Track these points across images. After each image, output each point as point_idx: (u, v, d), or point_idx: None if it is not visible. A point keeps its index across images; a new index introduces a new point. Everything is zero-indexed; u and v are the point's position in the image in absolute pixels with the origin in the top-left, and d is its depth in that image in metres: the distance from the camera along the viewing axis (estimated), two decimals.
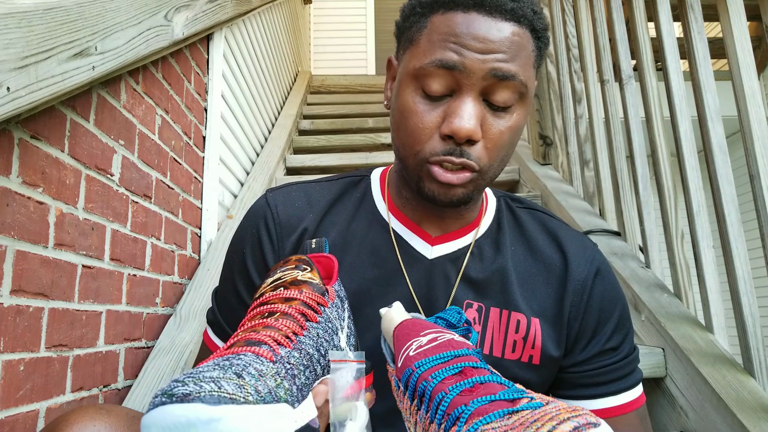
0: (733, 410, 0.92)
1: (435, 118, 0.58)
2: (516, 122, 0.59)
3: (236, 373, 0.38)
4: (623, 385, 0.67)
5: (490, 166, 0.60)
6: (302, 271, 0.53)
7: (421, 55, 0.58)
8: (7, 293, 0.74)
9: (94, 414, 0.48)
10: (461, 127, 0.55)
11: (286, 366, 0.42)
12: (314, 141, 2.70)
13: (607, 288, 0.69)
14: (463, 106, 0.56)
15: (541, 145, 2.04)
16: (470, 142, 0.57)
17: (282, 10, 3.00)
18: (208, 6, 1.47)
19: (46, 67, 0.75)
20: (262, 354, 0.41)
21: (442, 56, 0.56)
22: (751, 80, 1.08)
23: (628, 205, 1.50)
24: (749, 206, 1.19)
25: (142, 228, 1.14)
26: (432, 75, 0.57)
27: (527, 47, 0.58)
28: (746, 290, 1.03)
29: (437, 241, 0.68)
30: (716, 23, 3.95)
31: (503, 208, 0.73)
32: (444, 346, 0.46)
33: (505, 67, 0.56)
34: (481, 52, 0.55)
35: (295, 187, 0.73)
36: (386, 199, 0.71)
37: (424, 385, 0.42)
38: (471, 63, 0.55)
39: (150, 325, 1.18)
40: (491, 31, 0.56)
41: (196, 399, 0.34)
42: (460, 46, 0.56)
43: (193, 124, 1.48)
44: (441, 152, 0.58)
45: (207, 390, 0.35)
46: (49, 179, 0.83)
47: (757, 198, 1.02)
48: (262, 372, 0.39)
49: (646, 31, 1.42)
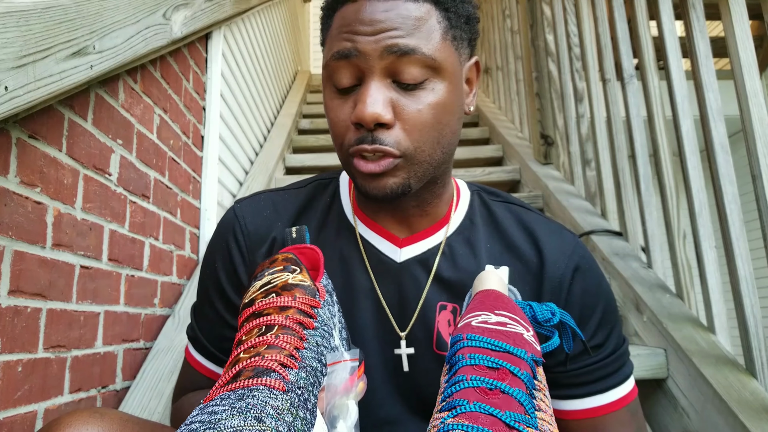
0: (735, 411, 0.92)
1: (347, 110, 0.58)
2: (436, 98, 0.56)
3: (256, 417, 0.37)
4: (611, 382, 0.65)
5: (415, 149, 0.57)
6: (291, 273, 0.52)
7: (326, 53, 0.59)
8: (5, 294, 0.73)
9: (87, 418, 0.47)
10: (364, 112, 0.54)
11: (297, 393, 0.42)
12: (314, 140, 2.69)
13: (588, 284, 0.66)
14: (366, 92, 0.55)
15: (542, 145, 2.04)
16: (384, 127, 0.56)
17: (281, 8, 2.99)
18: (206, 5, 1.46)
19: (44, 66, 0.74)
20: (274, 386, 0.41)
21: (339, 47, 0.56)
22: (753, 79, 1.07)
23: (630, 205, 1.49)
24: (751, 206, 1.18)
25: (140, 228, 1.13)
26: (335, 69, 0.57)
27: (428, 20, 0.56)
28: (748, 291, 1.02)
29: (405, 243, 0.66)
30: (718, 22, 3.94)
31: (476, 203, 0.71)
32: (506, 335, 0.44)
33: (401, 42, 0.54)
34: (372, 33, 0.55)
35: (263, 197, 0.71)
36: (353, 202, 0.70)
37: (459, 359, 0.42)
38: (363, 46, 0.55)
39: (148, 325, 1.18)
40: (378, 13, 0.55)
41: None
42: (352, 33, 0.56)
43: (191, 124, 1.47)
44: (355, 141, 0.57)
45: None
46: (47, 179, 0.82)
47: (759, 198, 1.01)
48: (279, 409, 0.39)
49: (648, 30, 1.41)
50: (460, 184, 0.72)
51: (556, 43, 1.99)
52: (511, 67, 2.57)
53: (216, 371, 0.70)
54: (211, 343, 0.69)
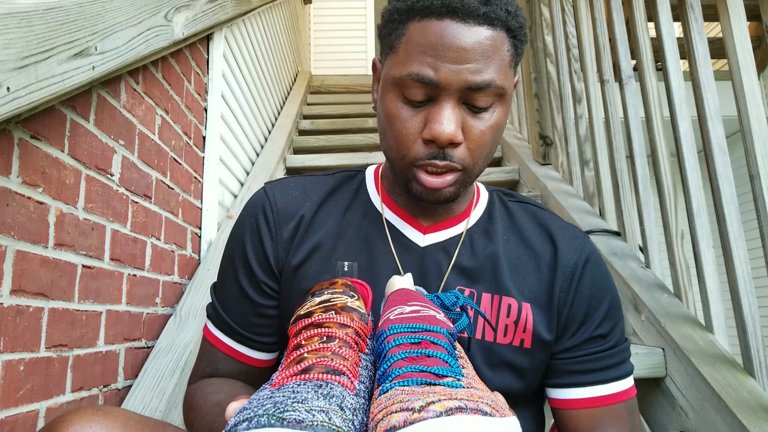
0: (733, 410, 0.92)
1: (417, 124, 0.61)
2: (496, 120, 0.62)
3: (339, 405, 0.38)
4: (612, 374, 0.68)
5: (474, 164, 0.63)
6: (350, 297, 0.54)
7: (399, 64, 0.61)
8: (7, 293, 0.74)
9: (91, 416, 0.48)
10: (442, 132, 0.58)
11: (361, 401, 0.43)
12: (314, 141, 2.70)
13: (597, 276, 0.70)
14: (443, 112, 0.59)
15: (541, 145, 2.04)
16: (452, 145, 0.60)
17: (282, 10, 3.00)
18: (208, 6, 1.47)
19: (46, 67, 0.75)
20: (346, 385, 0.42)
21: (419, 71, 0.58)
22: (751, 80, 1.08)
23: (628, 205, 1.50)
24: (749, 206, 1.19)
25: (142, 228, 1.14)
26: (411, 87, 0.60)
27: (501, 49, 0.60)
28: (746, 290, 1.03)
29: (429, 230, 0.71)
30: (716, 23, 3.95)
31: (495, 201, 0.76)
32: (421, 319, 0.48)
33: (479, 78, 0.58)
34: (455, 62, 0.57)
35: (292, 180, 0.76)
36: (380, 191, 0.74)
37: (384, 345, 0.46)
38: (446, 77, 0.58)
39: (150, 325, 1.18)
40: (464, 39, 0.57)
41: (308, 427, 0.34)
42: (435, 58, 0.58)
43: (193, 124, 1.48)
44: (425, 156, 0.61)
45: (319, 420, 0.35)
46: (49, 179, 0.83)
47: (757, 198, 1.02)
48: (354, 407, 0.40)
49: (646, 31, 1.42)
50: (479, 185, 0.78)
51: (554, 44, 2.00)
52: None
53: (235, 348, 0.72)
54: (233, 320, 0.72)
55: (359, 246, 0.70)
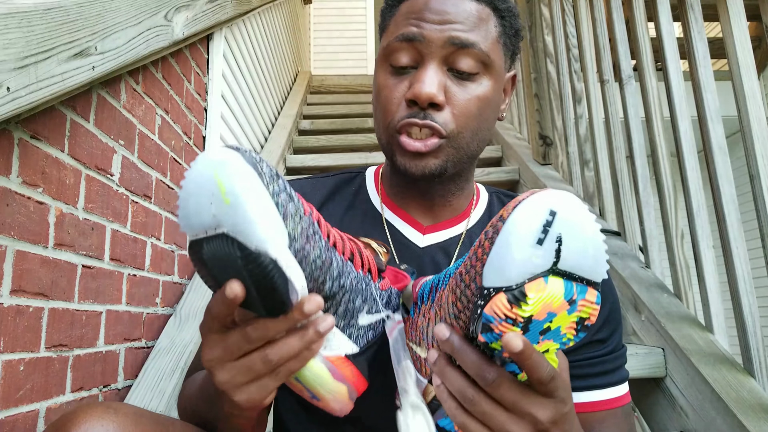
0: (733, 410, 0.92)
1: (402, 89, 0.62)
2: (483, 93, 0.62)
3: (289, 194, 0.41)
4: (610, 379, 0.68)
5: (458, 133, 0.62)
6: (378, 245, 0.56)
7: (389, 35, 0.64)
8: (7, 293, 0.74)
9: (102, 413, 0.47)
10: (421, 90, 0.59)
11: (306, 226, 0.43)
12: (314, 141, 2.70)
13: None
14: (425, 72, 0.60)
15: (541, 145, 2.04)
16: (435, 107, 0.61)
17: (282, 10, 3.00)
18: (208, 6, 1.47)
19: (46, 67, 0.75)
20: (305, 206, 0.44)
21: (404, 30, 0.61)
22: (751, 80, 1.08)
23: (628, 205, 1.50)
24: (749, 206, 1.19)
25: (142, 228, 1.14)
26: (397, 49, 0.62)
27: (488, 22, 0.62)
28: (746, 290, 1.03)
29: (429, 230, 0.71)
30: (716, 23, 3.95)
31: (495, 202, 0.76)
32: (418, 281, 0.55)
33: (463, 35, 0.60)
34: (438, 23, 0.60)
35: (289, 183, 0.75)
36: (380, 191, 0.74)
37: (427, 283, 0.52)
38: (429, 33, 0.60)
39: (150, 325, 1.18)
40: (446, 5, 0.61)
41: (241, 152, 0.38)
42: (419, 20, 0.61)
43: (193, 124, 1.48)
44: (405, 116, 0.61)
45: (254, 157, 0.39)
46: (49, 179, 0.83)
47: (757, 198, 1.02)
48: (294, 200, 0.42)
49: (646, 31, 1.42)
50: (479, 186, 0.78)
51: (554, 44, 2.00)
52: None
53: None
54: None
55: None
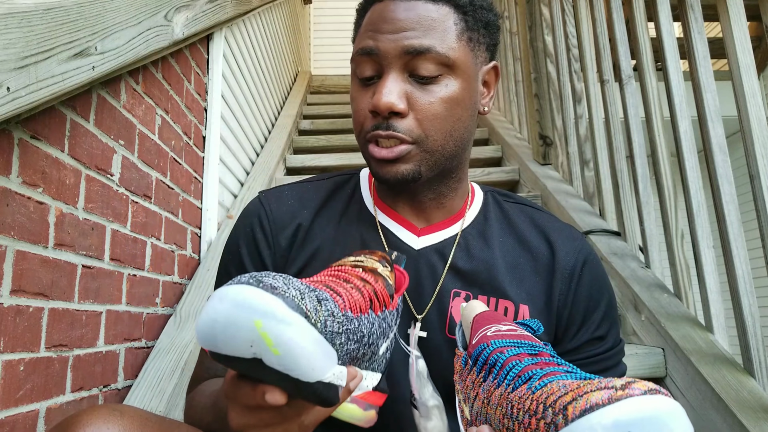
0: (733, 410, 0.92)
1: (367, 100, 0.64)
2: (449, 93, 0.62)
3: (318, 298, 0.40)
4: (611, 375, 0.68)
5: (426, 137, 0.62)
6: (383, 266, 0.55)
7: (355, 48, 0.66)
8: (7, 293, 0.74)
9: (107, 415, 0.47)
10: (379, 101, 0.60)
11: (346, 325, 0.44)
12: (314, 141, 2.70)
13: (595, 277, 0.70)
14: (383, 83, 0.61)
15: (541, 145, 2.04)
16: (397, 115, 0.61)
17: (282, 10, 3.00)
18: (208, 6, 1.47)
19: (46, 67, 0.75)
20: (337, 301, 0.43)
21: (363, 44, 0.63)
22: (751, 80, 1.08)
23: (628, 205, 1.50)
24: (749, 206, 1.19)
25: (142, 228, 1.14)
26: (360, 62, 0.63)
27: (445, 21, 0.62)
28: (746, 290, 1.03)
29: (423, 232, 0.70)
30: (716, 23, 3.95)
31: (490, 202, 0.75)
32: (523, 336, 0.49)
33: (416, 42, 0.60)
34: (392, 32, 0.61)
35: (287, 188, 0.76)
36: (373, 194, 0.74)
37: (498, 356, 0.46)
38: (384, 45, 0.61)
39: (150, 325, 1.18)
40: (399, 12, 0.61)
41: (279, 295, 0.37)
42: (375, 32, 0.62)
43: (193, 125, 1.48)
44: (371, 128, 0.63)
45: (291, 294, 0.38)
46: (49, 179, 0.83)
47: (757, 198, 1.02)
48: (334, 313, 0.41)
49: (646, 31, 1.42)
50: (474, 185, 0.78)
51: (554, 44, 2.00)
52: (510, 68, 2.57)
53: None
54: None
55: (355, 250, 0.69)
